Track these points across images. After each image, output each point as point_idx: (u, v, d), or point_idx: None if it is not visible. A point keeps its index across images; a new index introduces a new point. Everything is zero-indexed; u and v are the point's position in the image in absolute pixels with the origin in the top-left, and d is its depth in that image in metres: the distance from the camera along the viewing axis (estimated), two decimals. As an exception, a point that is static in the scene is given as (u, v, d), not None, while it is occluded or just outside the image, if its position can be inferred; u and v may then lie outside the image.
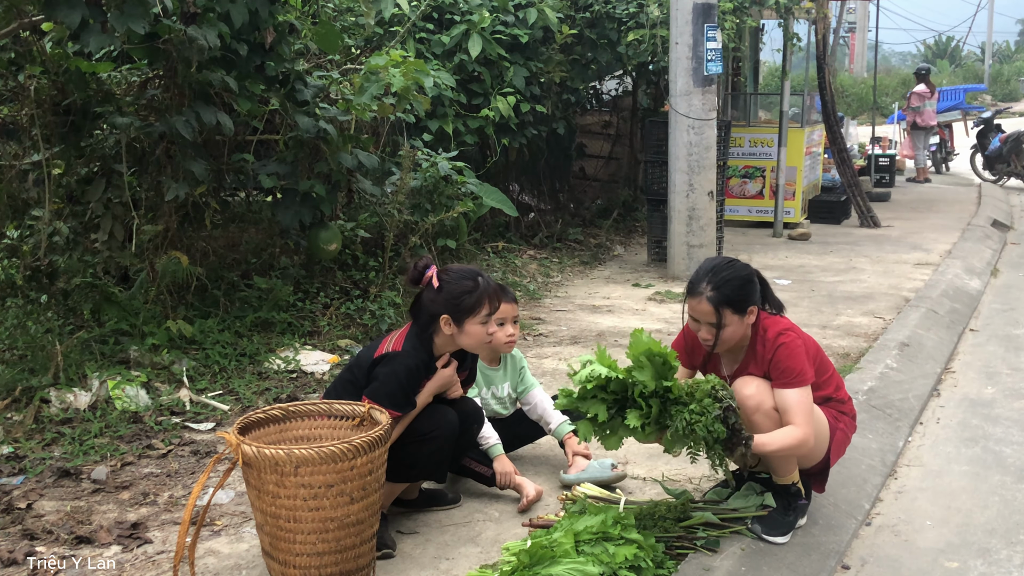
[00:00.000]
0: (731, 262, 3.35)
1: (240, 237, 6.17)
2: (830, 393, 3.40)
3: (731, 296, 3.23)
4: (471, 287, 3.29)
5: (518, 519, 3.57)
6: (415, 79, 5.80)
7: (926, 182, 15.17)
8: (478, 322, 3.30)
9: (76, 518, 3.54)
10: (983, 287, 7.86)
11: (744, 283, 3.27)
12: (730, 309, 3.24)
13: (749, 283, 3.29)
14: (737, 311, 3.24)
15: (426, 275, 3.31)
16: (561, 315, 6.83)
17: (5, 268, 5.73)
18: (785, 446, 3.17)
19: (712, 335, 3.26)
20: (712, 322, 3.24)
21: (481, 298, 3.29)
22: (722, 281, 3.24)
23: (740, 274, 3.29)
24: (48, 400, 4.50)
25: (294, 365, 5.25)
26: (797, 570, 3.22)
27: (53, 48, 5.01)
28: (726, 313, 3.23)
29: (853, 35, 33.50)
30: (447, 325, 3.28)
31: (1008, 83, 37.97)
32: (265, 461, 2.81)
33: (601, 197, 10.96)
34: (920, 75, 15.97)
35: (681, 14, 7.53)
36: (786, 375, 3.21)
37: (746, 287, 3.27)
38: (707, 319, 3.26)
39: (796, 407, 3.18)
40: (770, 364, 3.24)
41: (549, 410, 3.98)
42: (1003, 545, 3.51)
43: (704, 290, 3.25)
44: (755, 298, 3.29)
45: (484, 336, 3.33)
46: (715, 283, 3.24)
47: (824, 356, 3.45)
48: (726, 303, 3.23)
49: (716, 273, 3.27)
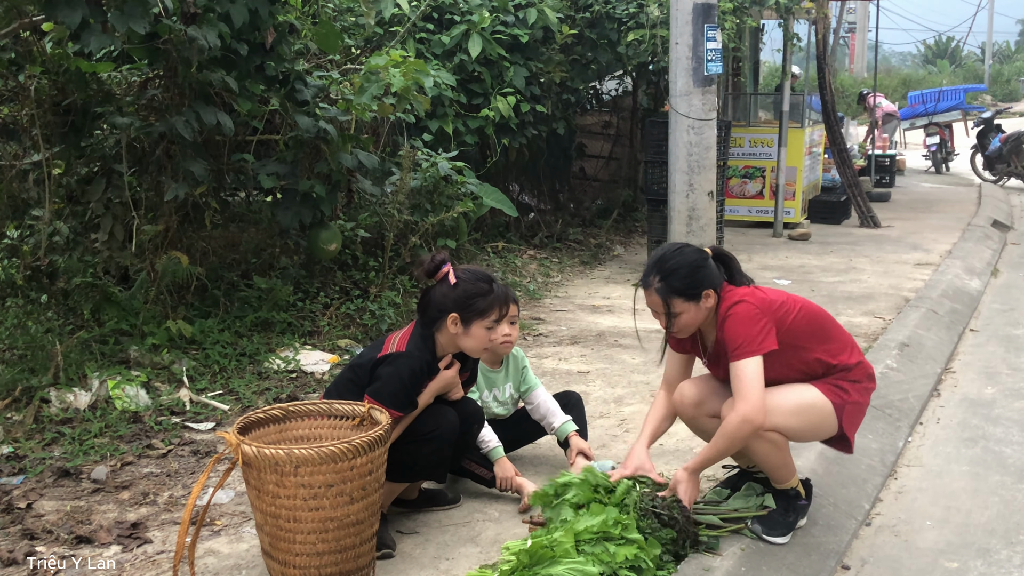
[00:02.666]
0: (679, 249, 3.25)
1: (240, 237, 6.17)
2: (831, 361, 3.26)
3: (679, 286, 3.16)
4: (486, 290, 3.30)
5: (518, 519, 3.57)
6: (415, 79, 5.80)
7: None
8: (484, 326, 3.30)
9: (76, 518, 3.54)
10: (983, 287, 7.86)
11: (693, 270, 3.18)
12: (680, 298, 3.17)
13: (699, 268, 3.19)
14: (689, 299, 3.17)
15: (442, 269, 3.32)
16: (561, 315, 6.83)
17: (5, 268, 5.73)
18: (729, 446, 3.12)
19: (666, 324, 3.23)
20: (664, 312, 3.20)
21: (493, 303, 3.30)
22: (669, 271, 3.18)
23: (688, 261, 3.19)
24: (48, 400, 4.51)
25: (294, 365, 5.25)
26: (797, 570, 3.22)
27: (53, 48, 5.00)
28: (676, 302, 3.17)
29: (853, 35, 33.50)
30: (453, 324, 3.28)
31: (1008, 83, 38.00)
32: (265, 461, 2.81)
33: (601, 197, 10.96)
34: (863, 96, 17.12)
35: (681, 14, 7.53)
36: (733, 345, 3.12)
37: (696, 273, 3.18)
38: (659, 310, 3.22)
39: (738, 379, 3.09)
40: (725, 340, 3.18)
41: (553, 409, 3.97)
42: (1003, 545, 3.51)
43: (652, 282, 3.20)
44: (709, 282, 3.19)
45: (486, 341, 3.33)
46: (662, 274, 3.18)
47: (826, 321, 3.32)
48: (675, 293, 3.16)
49: (663, 263, 3.20)
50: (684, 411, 3.45)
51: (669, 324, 3.23)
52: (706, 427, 3.43)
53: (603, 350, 5.89)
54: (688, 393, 3.44)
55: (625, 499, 3.19)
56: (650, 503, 3.18)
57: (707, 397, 3.42)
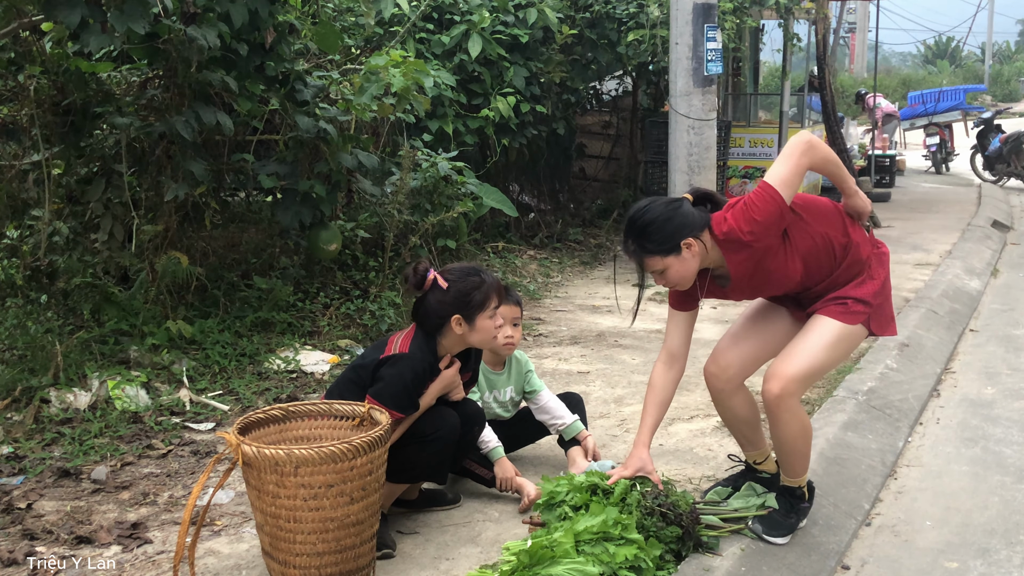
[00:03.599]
0: (645, 207, 3.10)
1: (240, 237, 6.17)
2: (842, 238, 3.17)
3: (652, 244, 3.04)
4: (478, 283, 3.31)
5: (518, 519, 3.57)
6: (415, 79, 5.80)
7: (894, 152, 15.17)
8: (487, 316, 3.31)
9: (76, 518, 3.54)
10: (983, 287, 7.85)
11: (662, 223, 3.03)
12: (657, 255, 3.06)
13: (668, 220, 3.04)
14: (667, 253, 3.05)
15: (428, 278, 3.30)
16: (561, 315, 6.83)
17: (5, 268, 5.73)
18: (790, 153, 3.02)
19: (663, 282, 3.15)
20: (652, 271, 3.11)
21: (489, 292, 3.31)
22: (640, 231, 3.06)
23: (655, 215, 3.05)
24: (48, 400, 4.50)
25: (294, 365, 5.25)
26: (797, 570, 3.22)
27: (53, 48, 5.00)
28: (655, 260, 3.06)
29: (853, 35, 33.49)
30: (458, 325, 3.28)
31: (1008, 83, 38.00)
32: (265, 461, 2.81)
33: (601, 197, 10.96)
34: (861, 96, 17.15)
35: (681, 14, 7.53)
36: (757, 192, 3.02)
37: (665, 226, 3.03)
38: (648, 270, 3.12)
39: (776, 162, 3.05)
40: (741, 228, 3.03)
41: (561, 410, 3.96)
42: (1003, 545, 3.51)
43: (630, 247, 3.11)
44: (686, 230, 3.04)
45: (493, 329, 3.33)
46: (634, 234, 3.08)
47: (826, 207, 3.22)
48: (650, 252, 3.06)
49: (632, 224, 3.08)
50: (723, 385, 3.33)
51: (657, 282, 3.14)
52: (736, 409, 3.37)
53: (603, 350, 5.89)
54: (731, 361, 3.33)
55: (626, 498, 3.19)
56: (654, 501, 3.17)
57: (749, 362, 3.34)
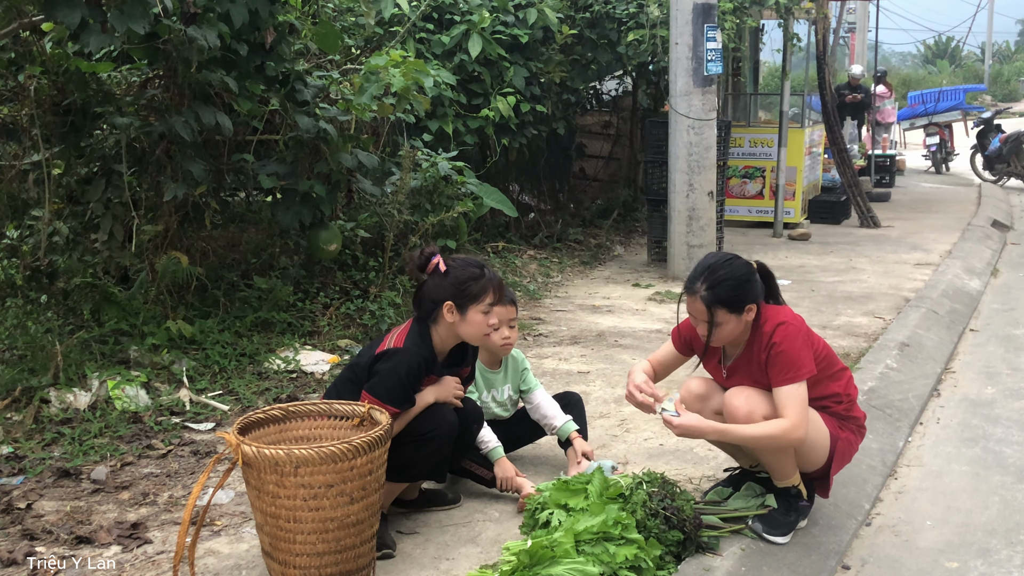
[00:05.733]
0: (729, 260, 3.29)
1: (240, 237, 6.16)
2: (838, 390, 3.34)
3: (725, 296, 3.19)
4: (477, 274, 3.31)
5: (518, 519, 3.56)
6: (415, 79, 5.80)
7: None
8: (481, 310, 3.30)
9: (76, 518, 3.54)
10: (983, 287, 7.86)
11: (740, 282, 3.21)
12: (725, 309, 3.20)
13: (746, 282, 3.23)
14: (733, 310, 3.20)
15: (432, 261, 3.32)
16: (561, 315, 6.83)
17: (5, 268, 5.73)
18: (765, 434, 3.13)
19: (707, 333, 3.25)
20: (706, 320, 3.23)
21: (486, 286, 3.31)
22: (717, 281, 3.20)
23: (737, 273, 3.23)
24: (48, 400, 4.50)
25: (294, 365, 5.25)
26: (797, 570, 3.22)
27: (53, 48, 5.00)
28: (720, 312, 3.20)
29: (853, 35, 33.38)
30: (450, 312, 3.28)
31: (1008, 83, 38.02)
32: (265, 461, 2.81)
33: (601, 197, 10.96)
34: (878, 77, 16.31)
35: (681, 14, 7.53)
36: (782, 371, 3.17)
37: (743, 286, 3.22)
38: (702, 317, 3.24)
39: (788, 400, 3.14)
40: (767, 363, 3.21)
41: (553, 410, 3.97)
42: (1003, 545, 3.51)
43: (699, 289, 3.21)
44: (753, 296, 3.24)
45: (485, 326, 3.33)
46: (710, 282, 3.20)
47: (832, 355, 3.40)
48: (720, 303, 3.19)
49: (712, 272, 3.23)
50: (689, 404, 3.45)
51: (709, 333, 3.24)
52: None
53: (603, 350, 5.89)
54: (695, 387, 3.47)
55: (633, 496, 3.17)
56: (660, 504, 3.16)
57: (713, 393, 3.44)
